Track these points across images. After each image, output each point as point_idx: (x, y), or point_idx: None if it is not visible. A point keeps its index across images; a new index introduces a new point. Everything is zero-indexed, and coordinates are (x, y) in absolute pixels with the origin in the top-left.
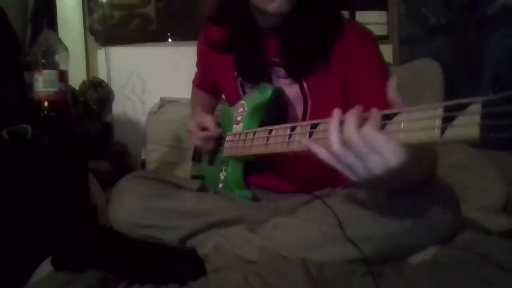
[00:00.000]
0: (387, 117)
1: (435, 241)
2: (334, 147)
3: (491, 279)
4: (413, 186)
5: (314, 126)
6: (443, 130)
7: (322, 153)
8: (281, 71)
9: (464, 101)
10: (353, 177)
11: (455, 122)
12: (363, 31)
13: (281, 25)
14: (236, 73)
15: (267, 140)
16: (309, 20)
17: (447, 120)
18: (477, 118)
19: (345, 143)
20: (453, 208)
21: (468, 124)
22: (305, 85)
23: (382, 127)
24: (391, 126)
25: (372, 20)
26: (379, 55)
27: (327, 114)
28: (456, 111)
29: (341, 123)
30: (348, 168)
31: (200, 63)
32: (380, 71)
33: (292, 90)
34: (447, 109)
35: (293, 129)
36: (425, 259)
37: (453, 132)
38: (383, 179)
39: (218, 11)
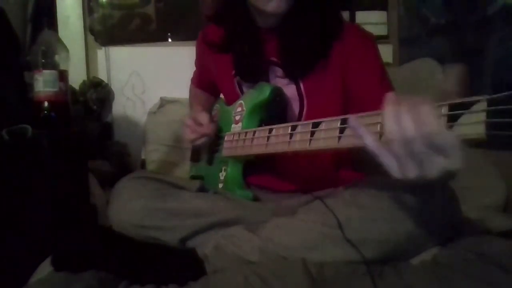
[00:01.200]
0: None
1: (435, 241)
2: (396, 139)
3: (491, 279)
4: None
5: (316, 125)
6: (448, 129)
7: (369, 140)
8: (279, 71)
9: (469, 99)
10: (397, 174)
11: (461, 120)
12: (362, 33)
13: (280, 25)
14: (233, 72)
15: (268, 140)
16: (308, 21)
17: (452, 118)
18: (482, 116)
19: (408, 138)
20: (453, 208)
21: (474, 123)
22: (302, 85)
23: None
24: None
25: (372, 20)
26: (378, 57)
27: (322, 115)
28: (461, 109)
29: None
30: (398, 164)
31: (199, 62)
32: (380, 73)
33: (288, 90)
34: (452, 107)
35: (294, 128)
36: (425, 259)
37: (459, 130)
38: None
39: (217, 11)
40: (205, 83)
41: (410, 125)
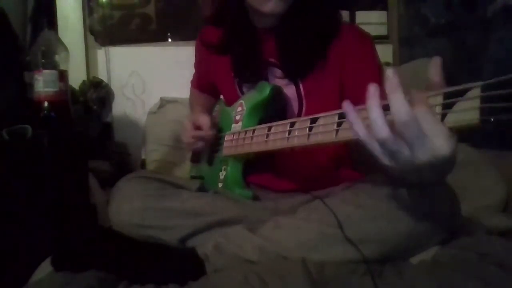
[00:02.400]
0: (387, 107)
1: (435, 241)
2: (384, 132)
3: (491, 279)
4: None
5: (314, 121)
6: (443, 117)
7: (360, 130)
8: (278, 72)
9: (463, 86)
10: (389, 163)
11: (455, 107)
12: (360, 32)
13: (278, 26)
14: (233, 73)
15: (267, 137)
16: (306, 21)
17: (447, 106)
18: (476, 103)
19: (395, 127)
20: (453, 208)
21: (468, 109)
22: (301, 86)
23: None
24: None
25: (372, 20)
26: (376, 56)
27: None
28: (455, 97)
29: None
30: (390, 154)
31: (198, 64)
32: (377, 73)
33: (288, 91)
34: (446, 96)
35: (292, 124)
36: (425, 259)
37: (453, 117)
38: (422, 169)
39: (215, 12)
40: (205, 84)
41: (401, 114)
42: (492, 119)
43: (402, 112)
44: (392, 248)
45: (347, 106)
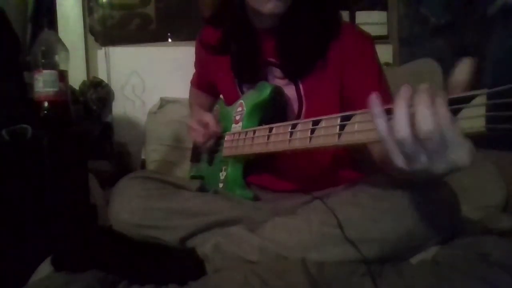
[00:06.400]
0: (391, 111)
1: (435, 241)
2: (404, 132)
3: (491, 279)
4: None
5: (316, 123)
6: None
7: (381, 125)
8: (278, 72)
9: (468, 93)
10: (404, 165)
11: (461, 115)
12: (360, 33)
13: (277, 26)
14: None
15: (268, 139)
16: (305, 21)
17: (453, 113)
18: (482, 110)
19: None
20: (453, 208)
21: (474, 116)
22: (301, 86)
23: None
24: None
25: (372, 20)
26: (376, 57)
27: (321, 115)
28: (461, 103)
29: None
30: (406, 157)
31: (198, 64)
32: (377, 73)
33: (287, 91)
34: (452, 102)
35: (294, 126)
36: (425, 259)
37: (459, 125)
38: (434, 174)
39: (214, 12)
40: (205, 84)
41: (425, 121)
42: (498, 127)
43: (427, 122)
44: (392, 248)
45: (374, 100)
